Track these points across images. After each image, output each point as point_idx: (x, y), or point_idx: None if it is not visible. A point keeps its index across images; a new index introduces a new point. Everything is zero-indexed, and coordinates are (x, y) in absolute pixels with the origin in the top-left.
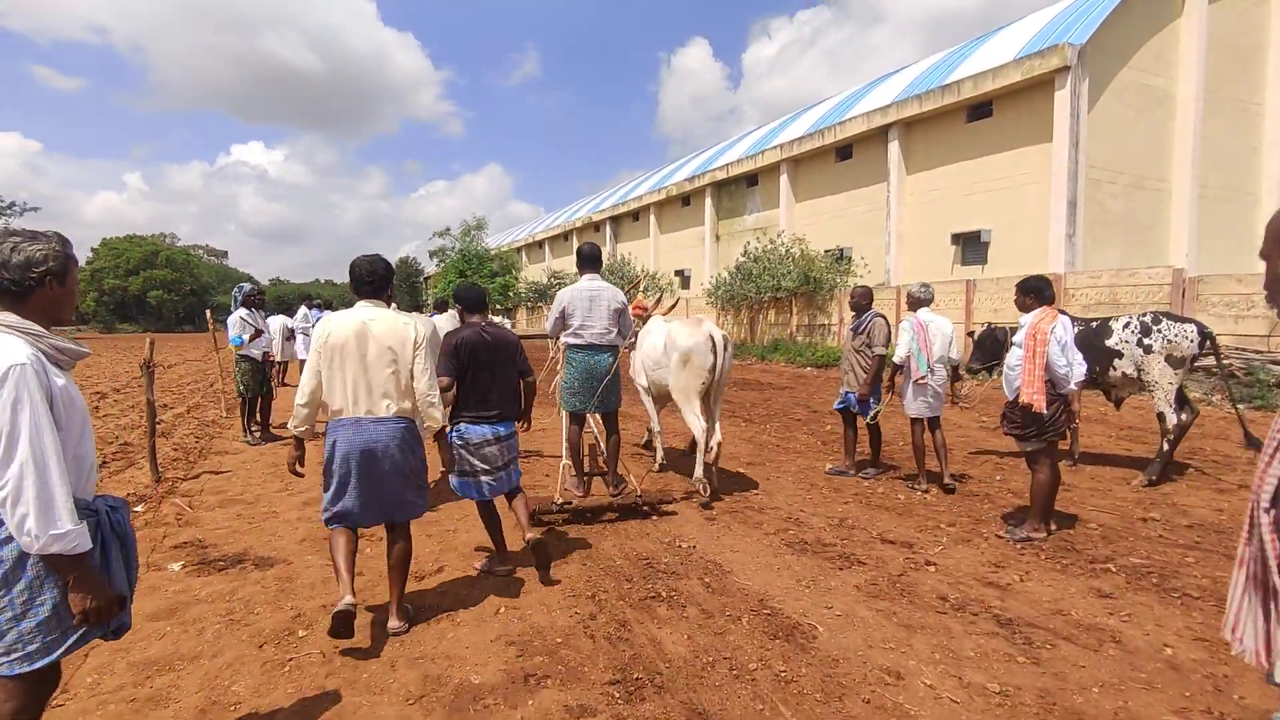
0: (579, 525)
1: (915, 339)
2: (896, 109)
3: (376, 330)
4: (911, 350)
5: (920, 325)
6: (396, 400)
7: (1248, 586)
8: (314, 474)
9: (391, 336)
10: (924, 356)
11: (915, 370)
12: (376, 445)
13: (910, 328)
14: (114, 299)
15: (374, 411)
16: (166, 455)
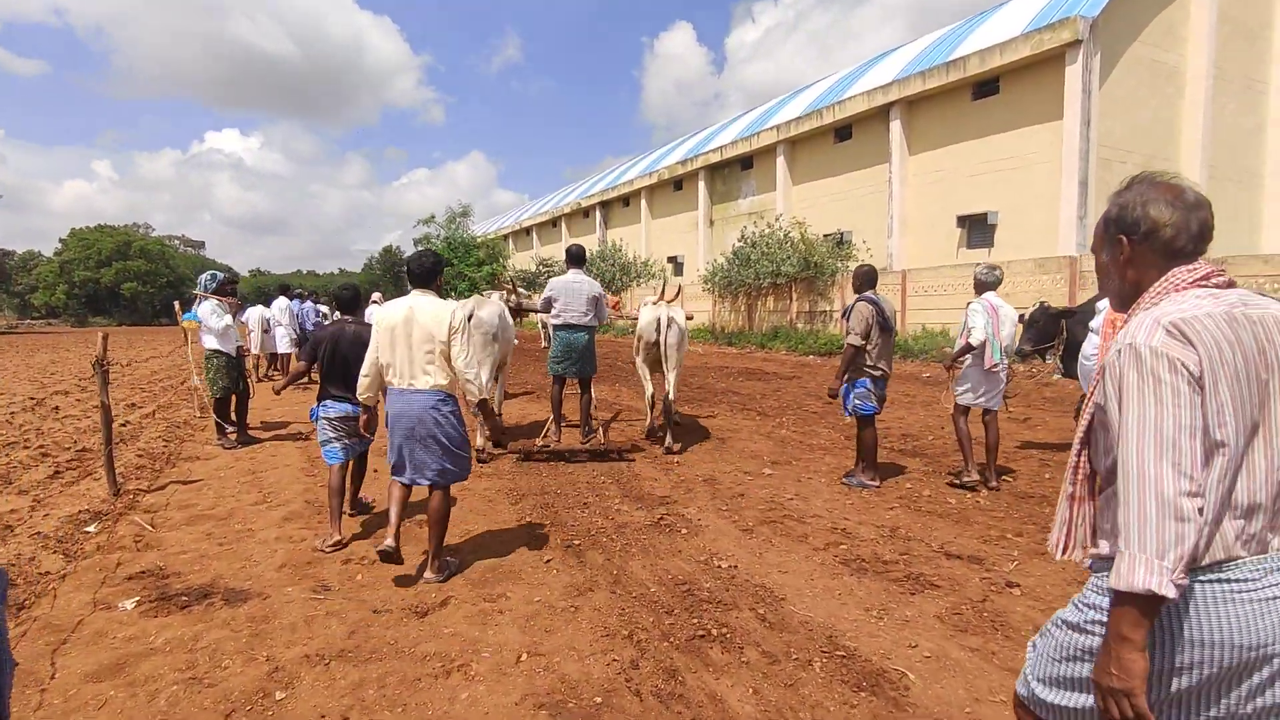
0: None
1: (990, 322)
2: (898, 87)
3: (420, 315)
4: (987, 335)
5: (992, 308)
6: (435, 375)
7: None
8: (295, 483)
9: (432, 321)
10: (997, 342)
11: (989, 358)
12: (414, 412)
13: (984, 310)
14: (85, 291)
15: (415, 384)
16: (129, 463)
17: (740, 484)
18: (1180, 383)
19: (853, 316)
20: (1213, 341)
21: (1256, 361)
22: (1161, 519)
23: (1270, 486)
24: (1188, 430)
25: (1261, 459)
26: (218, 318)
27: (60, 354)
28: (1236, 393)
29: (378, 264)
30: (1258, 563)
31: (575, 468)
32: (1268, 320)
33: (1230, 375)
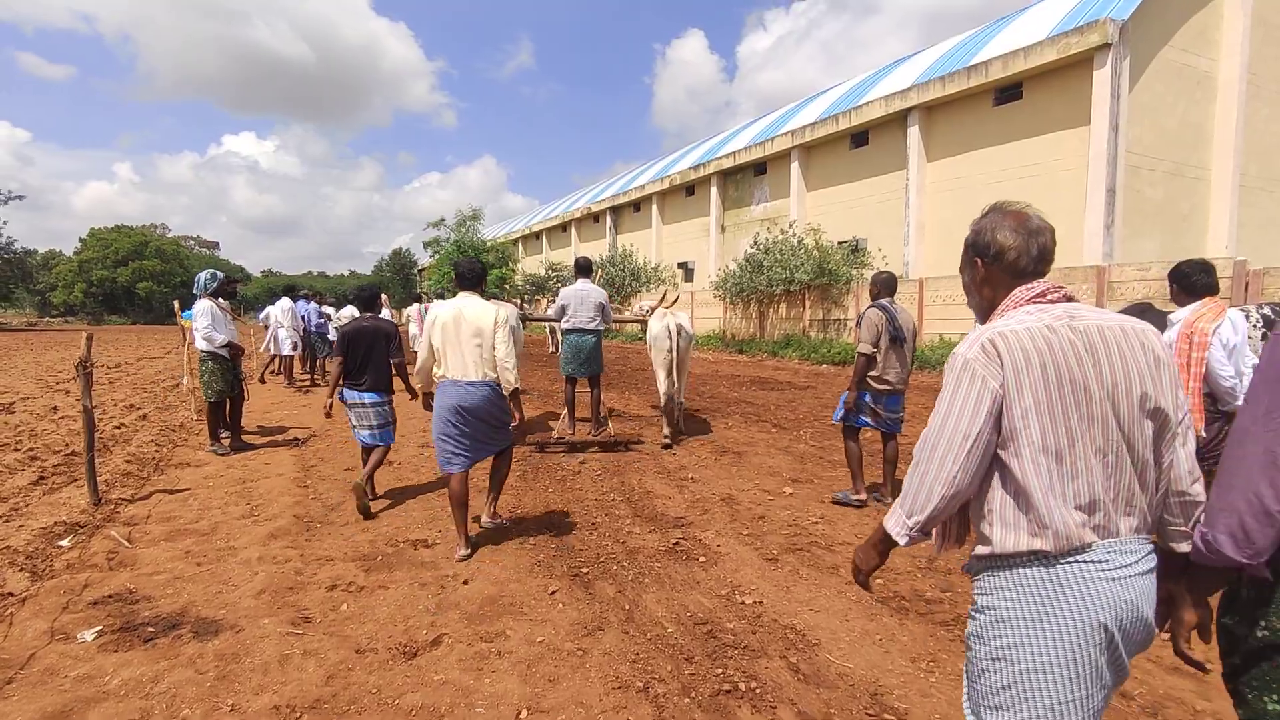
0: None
1: None
2: (917, 92)
3: (468, 315)
4: None
5: None
6: (482, 367)
7: None
8: (286, 494)
9: (479, 320)
10: None
11: None
12: (468, 401)
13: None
14: (102, 290)
15: (466, 376)
16: (117, 469)
17: (760, 504)
18: (974, 392)
19: (863, 324)
20: (1021, 354)
21: (1072, 369)
22: (919, 494)
23: (1101, 480)
24: (965, 432)
25: (1089, 457)
26: (205, 319)
27: (71, 352)
28: (1044, 399)
29: (388, 266)
30: (1107, 546)
31: (584, 485)
32: (1091, 331)
33: (1039, 384)
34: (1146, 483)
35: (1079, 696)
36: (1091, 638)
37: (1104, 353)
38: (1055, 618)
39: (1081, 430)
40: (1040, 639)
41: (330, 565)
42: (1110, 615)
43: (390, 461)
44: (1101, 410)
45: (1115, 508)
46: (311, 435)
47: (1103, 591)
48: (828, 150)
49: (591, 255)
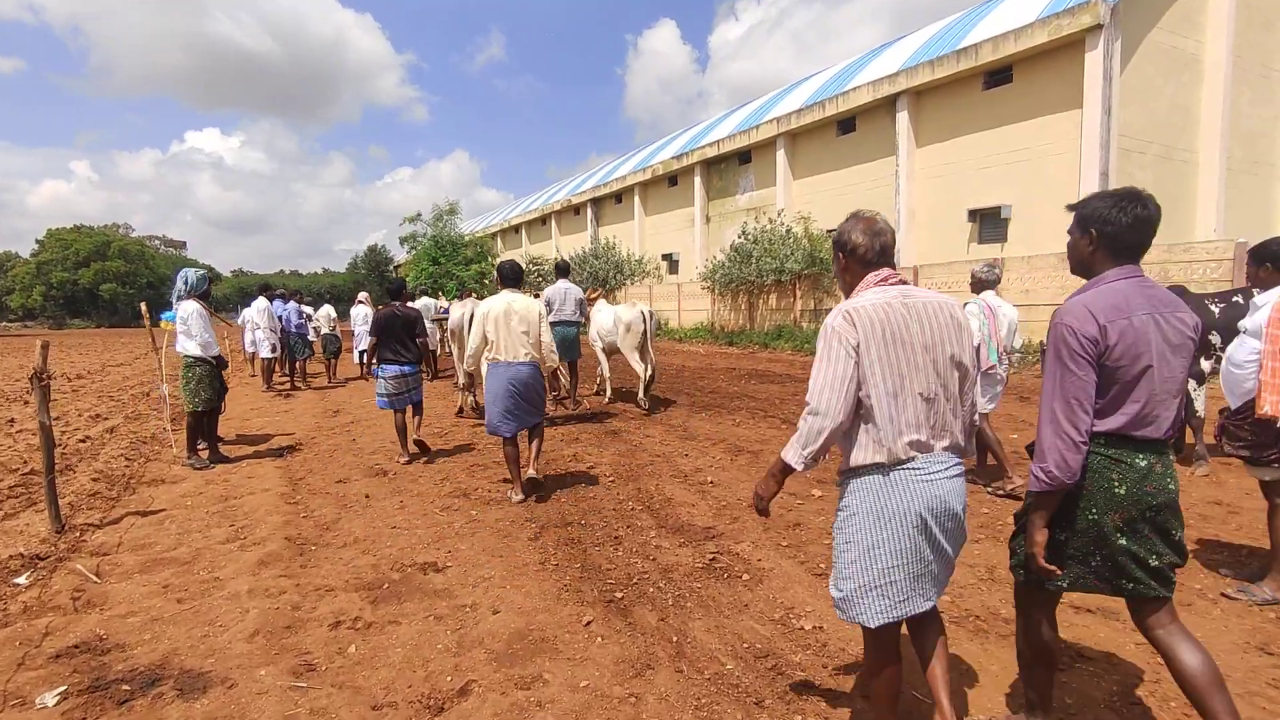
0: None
1: (986, 324)
2: (905, 76)
3: (517, 308)
4: (983, 336)
5: (990, 309)
6: (527, 350)
7: None
8: (275, 513)
9: (526, 312)
10: (994, 343)
11: (985, 360)
12: (516, 378)
13: (980, 311)
14: (63, 293)
15: (515, 358)
16: (82, 489)
17: (790, 509)
18: (841, 350)
19: None
20: (868, 322)
21: (902, 333)
22: (811, 429)
23: (923, 411)
24: (839, 381)
25: (915, 395)
26: (199, 322)
27: (28, 359)
28: (884, 354)
29: (363, 263)
30: (925, 458)
31: (599, 493)
32: (916, 306)
33: (880, 343)
34: (957, 413)
35: (901, 564)
36: (912, 522)
37: (925, 321)
38: (886, 509)
39: (909, 376)
40: (876, 524)
41: (331, 597)
42: (924, 506)
43: (385, 472)
44: (923, 361)
45: (932, 432)
46: (297, 444)
47: (919, 490)
48: (814, 137)
49: (573, 248)
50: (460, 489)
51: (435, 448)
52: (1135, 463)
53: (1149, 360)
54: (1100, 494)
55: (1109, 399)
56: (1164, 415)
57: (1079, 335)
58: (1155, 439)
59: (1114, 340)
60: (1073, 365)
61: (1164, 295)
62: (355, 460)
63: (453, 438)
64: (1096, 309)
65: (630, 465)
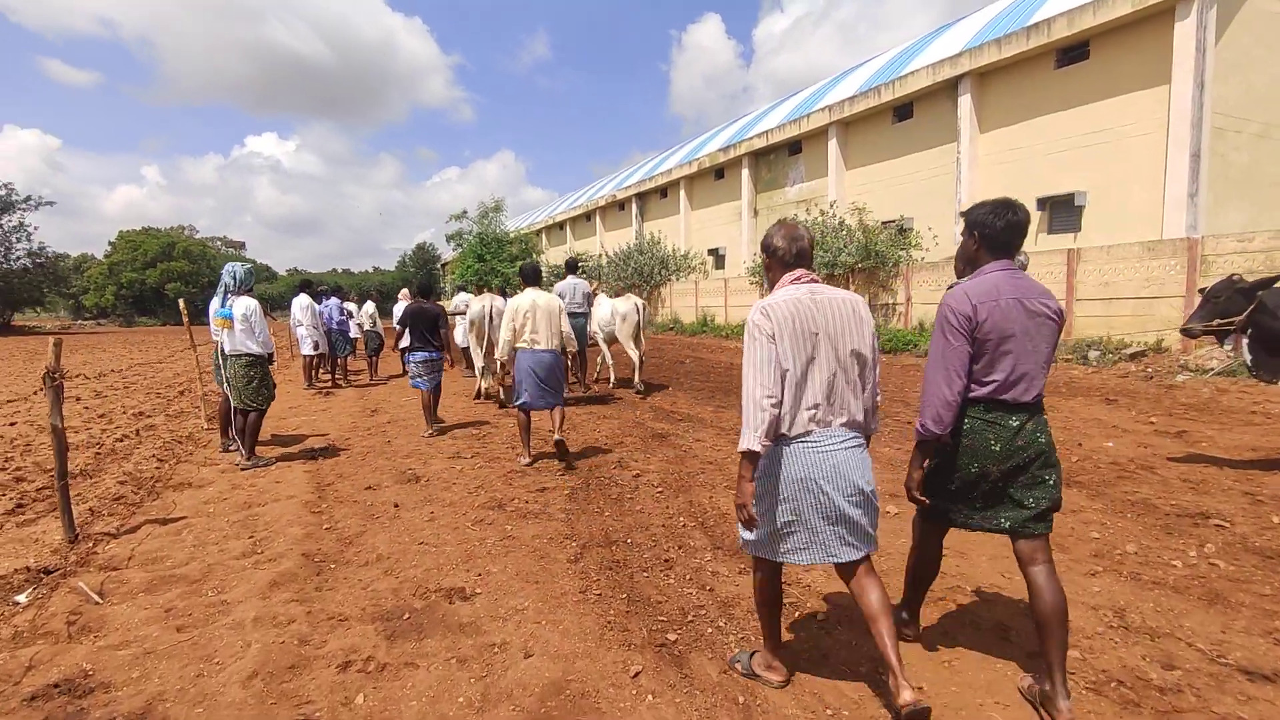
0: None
1: None
2: (968, 57)
3: (541, 303)
4: None
5: None
6: (551, 339)
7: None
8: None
9: (549, 306)
10: None
11: None
12: (541, 363)
13: None
14: (132, 292)
15: (540, 345)
16: (107, 493)
17: None
18: (762, 338)
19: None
20: (781, 315)
21: (808, 324)
22: (754, 411)
23: (824, 392)
24: (765, 363)
25: (817, 378)
26: (259, 320)
27: (94, 355)
28: (795, 342)
29: (411, 261)
30: (822, 432)
31: (646, 506)
32: (822, 301)
33: (790, 333)
34: (857, 395)
35: (798, 520)
36: (805, 485)
37: (830, 315)
38: (785, 473)
39: (814, 362)
40: (776, 485)
41: (344, 629)
42: (817, 473)
43: (418, 477)
44: (826, 350)
45: (831, 411)
46: (330, 445)
47: (813, 459)
48: (868, 125)
49: (617, 244)
50: (495, 499)
51: (471, 452)
52: (1009, 423)
53: (1013, 335)
54: (981, 450)
55: (982, 366)
56: (1031, 382)
57: (956, 314)
58: (1025, 401)
59: (984, 318)
60: (951, 338)
61: (1031, 284)
62: (388, 464)
63: (491, 439)
64: (972, 294)
65: (680, 474)
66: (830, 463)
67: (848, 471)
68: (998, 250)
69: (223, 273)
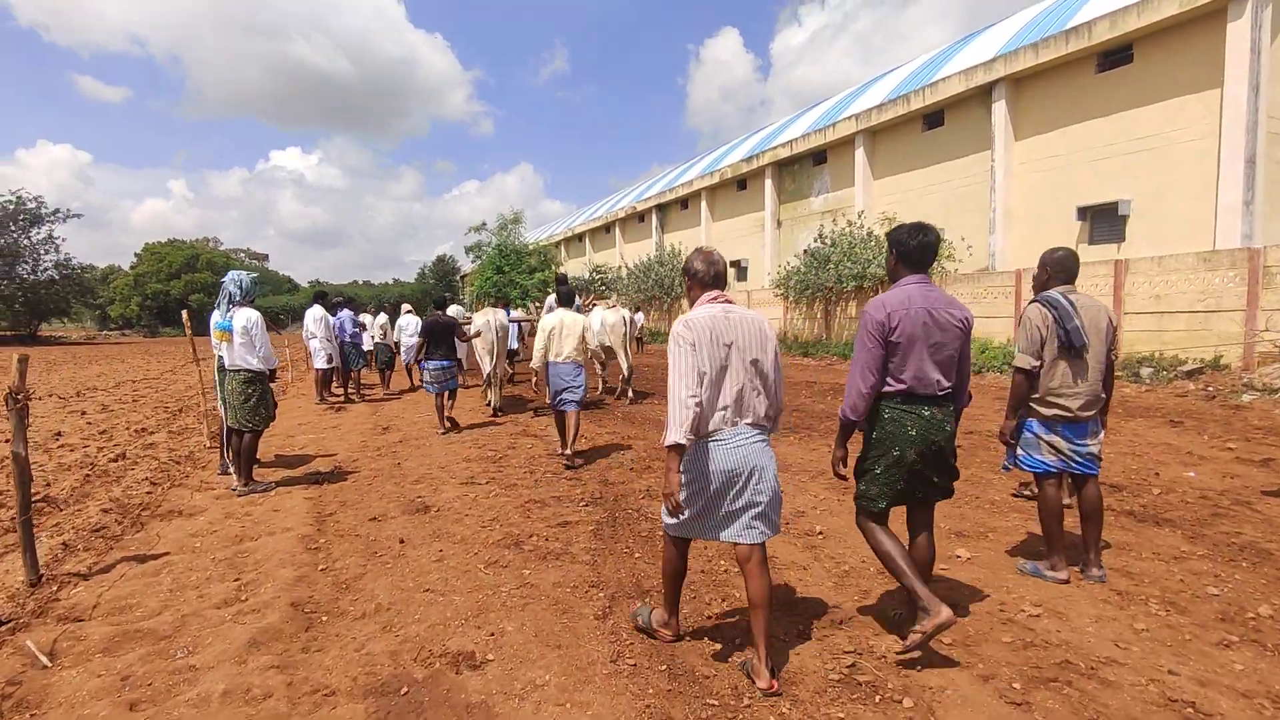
0: None
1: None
2: (1003, 62)
3: (568, 322)
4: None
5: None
6: (578, 353)
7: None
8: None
9: (575, 325)
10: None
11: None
12: (569, 371)
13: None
14: (157, 303)
15: (568, 358)
16: (88, 522)
17: (936, 579)
18: (685, 346)
19: (1020, 327)
20: (700, 328)
21: (723, 337)
22: (679, 409)
23: (733, 396)
24: (689, 369)
25: (728, 383)
26: (262, 333)
27: (111, 366)
28: (711, 351)
29: (431, 273)
30: (731, 430)
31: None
32: (733, 319)
33: (707, 343)
34: (761, 399)
35: (714, 502)
36: (717, 476)
37: (740, 330)
38: (701, 465)
39: (726, 370)
40: (696, 475)
41: (329, 707)
42: (727, 465)
43: (428, 507)
44: (736, 360)
45: (739, 412)
46: (336, 468)
47: (724, 454)
48: (897, 134)
49: (637, 255)
50: (512, 535)
51: (486, 478)
52: (920, 413)
53: (921, 339)
54: (901, 436)
55: (896, 364)
56: (938, 379)
57: (872, 320)
58: (934, 395)
59: (896, 324)
60: (868, 341)
61: (941, 296)
62: (396, 490)
63: (507, 463)
64: (888, 303)
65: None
66: (738, 455)
67: (754, 462)
68: (913, 266)
69: (225, 281)
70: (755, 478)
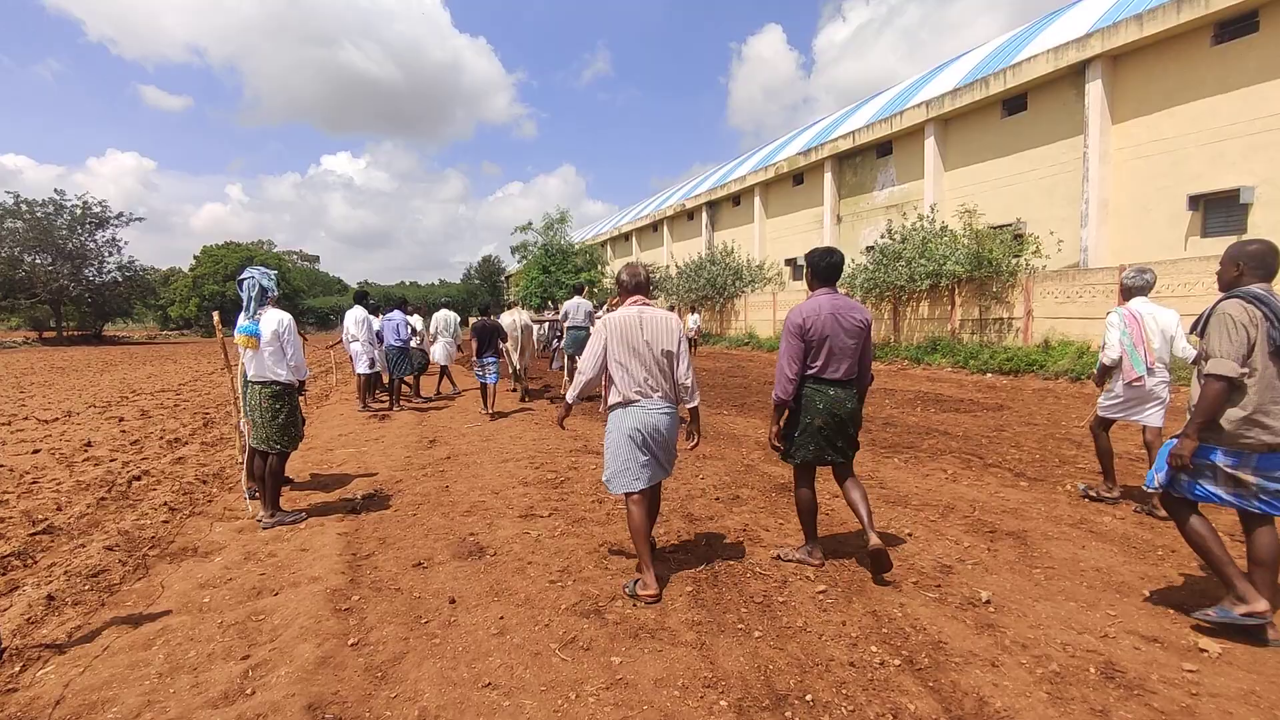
0: None
1: (1128, 333)
2: (1100, 38)
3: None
4: (1125, 347)
5: (1133, 317)
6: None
7: None
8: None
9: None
10: (1140, 354)
11: (1130, 371)
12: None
13: (1120, 322)
14: (214, 304)
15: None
16: (86, 564)
17: (1177, 683)
18: (599, 339)
19: (1215, 325)
20: (614, 324)
21: (634, 331)
22: (580, 381)
23: (643, 375)
24: (596, 351)
25: (639, 366)
26: (294, 338)
27: (164, 366)
28: (623, 342)
29: (477, 273)
30: (645, 400)
31: (811, 618)
32: (646, 317)
33: (618, 337)
34: (667, 378)
35: (631, 456)
36: (634, 435)
37: (650, 325)
38: (623, 427)
39: (635, 356)
40: (616, 434)
41: None
42: (640, 425)
43: (482, 549)
44: (645, 350)
45: (650, 387)
46: (376, 490)
47: (637, 417)
48: (972, 121)
49: (686, 254)
50: (589, 597)
51: (548, 508)
52: (828, 391)
53: (829, 337)
54: (812, 408)
55: (811, 356)
56: (840, 366)
57: (794, 324)
58: (838, 379)
59: (809, 326)
60: (791, 340)
61: (845, 302)
62: (444, 524)
63: (570, 488)
64: (804, 311)
65: (839, 556)
66: (648, 420)
67: (658, 425)
68: (823, 281)
69: (250, 278)
70: (660, 437)
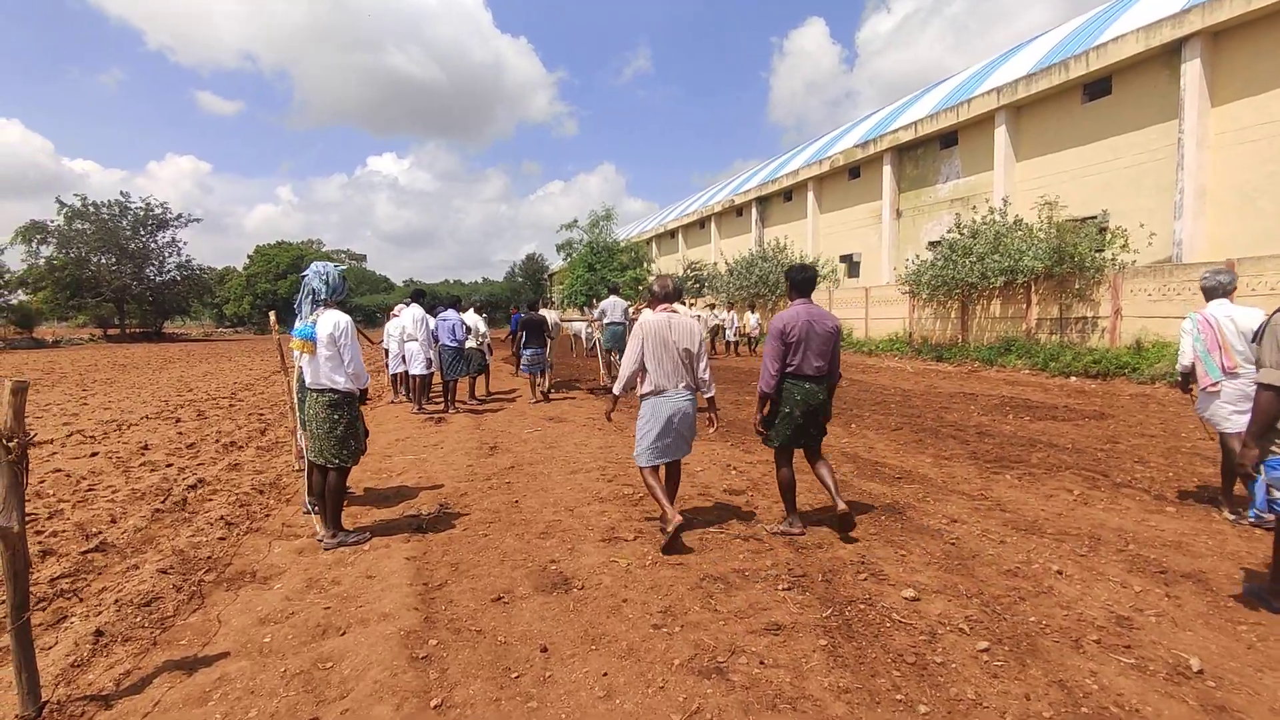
0: None
1: (1201, 339)
2: (1199, 13)
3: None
4: (1197, 353)
5: (1206, 322)
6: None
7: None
8: (387, 691)
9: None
10: (1214, 358)
11: (1205, 377)
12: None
13: (1192, 327)
14: (266, 302)
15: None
16: (138, 590)
17: None
18: (637, 341)
19: (1268, 336)
20: (648, 327)
21: (663, 333)
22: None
23: (669, 369)
24: (635, 350)
25: (666, 362)
26: (353, 343)
27: (218, 365)
28: (653, 343)
29: (520, 271)
30: (671, 390)
31: (976, 681)
32: (674, 321)
33: (650, 337)
34: (691, 371)
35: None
36: (662, 417)
37: (675, 328)
38: (656, 412)
39: (664, 355)
40: (651, 419)
41: None
42: (668, 411)
43: (567, 580)
44: (672, 349)
45: (675, 380)
46: (442, 504)
47: (666, 404)
48: (1048, 108)
49: (735, 251)
50: (704, 649)
51: (632, 530)
52: (803, 385)
53: (805, 339)
54: (790, 399)
55: (789, 356)
56: (813, 364)
57: (776, 330)
58: (811, 374)
59: (789, 330)
60: (774, 343)
61: (819, 311)
62: (519, 547)
63: (649, 504)
64: (784, 319)
65: (986, 599)
66: (674, 405)
67: (683, 409)
68: (801, 293)
69: (309, 275)
70: (681, 419)
